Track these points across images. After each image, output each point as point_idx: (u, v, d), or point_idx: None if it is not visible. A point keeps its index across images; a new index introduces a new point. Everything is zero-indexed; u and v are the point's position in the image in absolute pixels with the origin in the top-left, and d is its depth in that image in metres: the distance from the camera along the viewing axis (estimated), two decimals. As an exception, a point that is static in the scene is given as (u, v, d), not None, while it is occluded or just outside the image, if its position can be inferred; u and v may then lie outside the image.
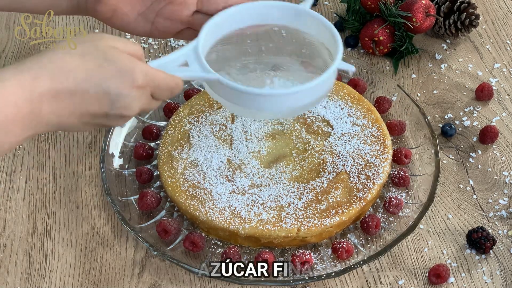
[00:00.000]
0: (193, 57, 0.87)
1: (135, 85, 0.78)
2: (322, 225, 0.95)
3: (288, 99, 0.88)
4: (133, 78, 0.77)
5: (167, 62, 0.86)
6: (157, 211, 1.01)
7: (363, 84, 1.15)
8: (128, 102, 0.78)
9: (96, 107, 0.77)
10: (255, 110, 0.89)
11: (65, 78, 0.75)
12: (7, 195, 1.05)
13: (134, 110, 0.79)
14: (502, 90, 1.18)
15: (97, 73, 0.76)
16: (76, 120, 0.78)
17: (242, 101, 0.88)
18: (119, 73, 0.77)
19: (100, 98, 0.76)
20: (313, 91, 0.89)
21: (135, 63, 0.78)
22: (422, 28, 1.20)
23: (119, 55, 0.78)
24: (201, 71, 0.87)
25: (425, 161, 1.05)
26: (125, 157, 1.07)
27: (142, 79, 0.78)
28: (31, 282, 0.96)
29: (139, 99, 0.79)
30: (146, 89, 0.80)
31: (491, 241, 0.96)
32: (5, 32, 1.27)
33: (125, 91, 0.77)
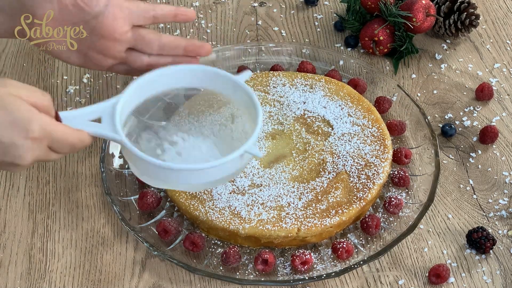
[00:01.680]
0: (108, 114, 0.85)
1: (30, 136, 0.77)
2: (322, 225, 0.95)
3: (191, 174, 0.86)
4: (27, 129, 0.77)
5: (79, 114, 0.84)
6: (157, 211, 1.01)
7: (363, 84, 1.15)
8: (20, 152, 0.77)
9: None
10: (159, 181, 0.88)
11: None
12: (7, 195, 1.05)
13: (27, 160, 0.78)
14: (502, 90, 1.18)
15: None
16: None
17: (146, 170, 0.87)
18: (14, 122, 0.76)
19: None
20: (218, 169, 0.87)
21: (33, 114, 0.77)
22: (422, 28, 1.20)
23: (18, 104, 0.77)
24: (109, 130, 0.85)
25: (425, 161, 1.05)
26: (125, 157, 1.07)
27: (38, 132, 0.77)
28: (31, 282, 0.96)
29: (33, 151, 0.78)
30: (42, 142, 0.79)
31: (491, 241, 0.96)
32: (5, 32, 1.27)
33: (18, 141, 0.77)
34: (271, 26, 1.29)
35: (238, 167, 0.90)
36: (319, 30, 1.29)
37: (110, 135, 0.85)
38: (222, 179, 0.90)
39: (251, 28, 1.29)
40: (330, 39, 1.27)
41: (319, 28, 1.29)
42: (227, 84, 0.95)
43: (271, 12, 1.32)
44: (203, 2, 1.34)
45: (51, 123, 0.79)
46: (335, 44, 1.26)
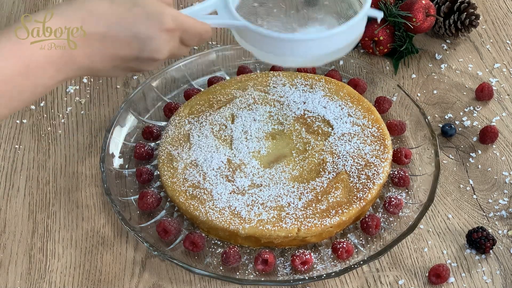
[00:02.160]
0: (222, 5, 0.89)
1: (165, 28, 0.80)
2: (322, 225, 0.95)
3: (318, 44, 0.88)
4: (162, 21, 0.79)
5: (196, 10, 0.88)
6: (157, 211, 1.01)
7: (363, 84, 1.15)
8: (157, 45, 0.80)
9: (126, 50, 0.79)
10: (286, 57, 0.90)
11: (95, 22, 0.77)
12: (7, 195, 1.05)
13: (163, 53, 0.81)
14: (502, 90, 1.18)
15: (127, 16, 0.78)
16: (107, 64, 0.80)
17: (272, 47, 0.89)
18: (148, 16, 0.78)
19: (130, 41, 0.78)
20: (342, 36, 0.89)
21: (164, 7, 0.80)
22: (422, 28, 1.20)
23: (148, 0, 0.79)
24: (229, 18, 0.88)
25: (425, 161, 1.05)
26: (125, 157, 1.07)
27: (171, 23, 0.80)
28: (31, 282, 0.96)
29: (168, 42, 0.81)
30: (175, 33, 0.81)
31: (491, 241, 0.96)
32: (5, 32, 1.27)
33: (155, 34, 0.79)
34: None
35: (359, 32, 0.92)
36: (319, 30, 1.29)
37: (231, 23, 0.88)
38: (347, 46, 0.92)
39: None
40: (330, 39, 1.27)
41: (319, 28, 1.29)
42: None
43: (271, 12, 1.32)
44: (203, 2, 1.34)
45: (181, 14, 0.82)
46: (335, 44, 1.26)
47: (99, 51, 0.78)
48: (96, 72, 0.80)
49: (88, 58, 0.78)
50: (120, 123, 1.09)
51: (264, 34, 0.87)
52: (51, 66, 0.76)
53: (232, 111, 1.08)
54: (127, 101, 1.11)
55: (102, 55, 0.78)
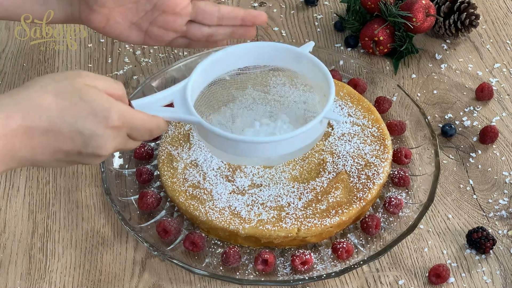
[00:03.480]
0: (179, 97, 0.86)
1: (110, 125, 0.77)
2: (322, 225, 0.95)
3: (270, 147, 0.86)
4: (107, 118, 0.77)
5: (151, 101, 0.85)
6: (157, 211, 1.01)
7: (363, 84, 1.15)
8: (102, 142, 0.77)
9: (69, 145, 0.77)
10: (239, 156, 0.88)
11: (38, 116, 0.75)
12: (7, 195, 1.05)
13: (108, 150, 0.79)
14: (502, 90, 1.18)
15: (71, 112, 0.76)
16: (49, 157, 0.78)
17: (224, 146, 0.87)
18: (93, 112, 0.76)
19: (74, 137, 0.76)
20: (297, 140, 0.87)
21: (111, 103, 0.78)
22: (422, 28, 1.20)
23: (95, 94, 0.77)
24: (184, 113, 0.86)
25: (425, 161, 1.05)
26: (125, 157, 1.07)
27: (117, 120, 0.78)
28: (31, 282, 0.96)
29: (114, 139, 0.79)
30: (121, 130, 0.79)
31: (491, 241, 0.96)
32: (5, 32, 1.27)
33: (99, 131, 0.77)
34: (271, 26, 1.29)
35: (317, 134, 0.90)
36: (319, 30, 1.29)
37: (185, 118, 0.86)
38: (303, 148, 0.89)
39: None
40: (330, 39, 1.27)
41: (319, 28, 1.29)
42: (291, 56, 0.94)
43: (271, 12, 1.32)
44: (203, 2, 1.34)
45: (129, 110, 0.80)
46: (335, 44, 1.26)
47: (41, 145, 0.76)
48: (39, 164, 0.79)
49: (29, 151, 0.76)
50: (120, 123, 1.09)
51: (217, 133, 0.85)
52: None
53: (232, 111, 1.08)
54: (127, 101, 1.11)
55: (44, 148, 0.76)
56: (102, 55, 1.23)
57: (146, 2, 0.96)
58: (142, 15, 0.98)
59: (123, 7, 0.97)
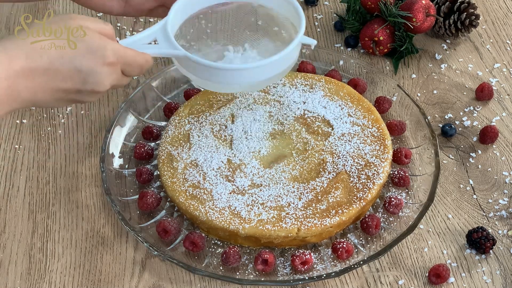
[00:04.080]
0: (162, 35, 0.91)
1: (106, 62, 0.81)
2: (322, 225, 0.95)
3: (252, 73, 0.92)
4: (104, 56, 0.81)
5: (136, 40, 0.90)
6: (157, 211, 1.01)
7: (363, 84, 1.15)
8: (99, 78, 0.81)
9: (69, 84, 0.80)
10: (222, 84, 0.93)
11: (39, 57, 0.78)
12: (7, 195, 1.05)
13: (105, 86, 0.83)
14: (502, 90, 1.18)
15: (70, 51, 0.79)
16: (50, 96, 0.81)
17: (208, 75, 0.92)
18: (90, 51, 0.80)
19: (73, 75, 0.80)
20: (277, 64, 0.93)
21: (105, 41, 0.82)
22: (422, 28, 1.20)
23: (90, 33, 0.81)
24: (169, 48, 0.91)
25: (425, 161, 1.05)
26: (125, 157, 1.07)
27: (112, 57, 0.82)
28: (31, 282, 0.96)
29: (110, 75, 0.82)
30: (116, 66, 0.83)
31: (491, 241, 0.96)
32: (5, 32, 1.27)
33: (96, 68, 0.81)
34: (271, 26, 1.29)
35: (293, 58, 0.96)
36: (319, 30, 1.29)
37: (171, 52, 0.91)
38: (282, 72, 0.95)
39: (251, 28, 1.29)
40: (330, 39, 1.27)
41: (319, 28, 1.29)
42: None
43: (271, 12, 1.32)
44: (203, 2, 1.34)
45: (122, 48, 0.84)
46: (335, 44, 1.26)
47: (42, 85, 0.79)
48: (40, 104, 0.82)
49: (31, 91, 0.79)
50: (120, 123, 1.09)
51: (202, 63, 0.90)
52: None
53: (232, 111, 1.08)
54: (127, 101, 1.11)
55: (44, 88, 0.80)
56: (102, 55, 1.23)
57: None
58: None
59: None
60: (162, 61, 1.22)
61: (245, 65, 0.96)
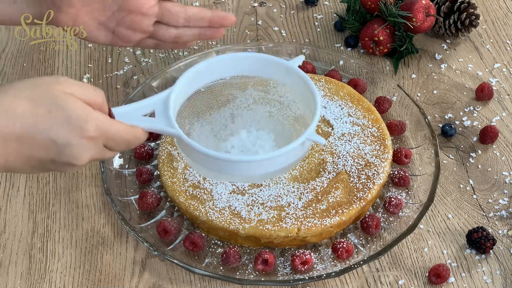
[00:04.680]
0: (161, 108, 0.84)
1: (85, 135, 0.75)
2: (322, 225, 0.95)
3: (250, 166, 0.84)
4: (83, 129, 0.75)
5: (132, 110, 0.83)
6: (157, 211, 1.01)
7: (363, 84, 1.15)
8: (76, 152, 0.76)
9: (42, 153, 0.75)
10: (216, 172, 0.86)
11: (12, 123, 0.73)
12: (7, 195, 1.05)
13: (83, 160, 0.77)
14: (502, 90, 1.18)
15: (46, 119, 0.74)
16: (23, 164, 0.76)
17: (204, 162, 0.85)
18: (68, 122, 0.74)
19: (47, 145, 0.75)
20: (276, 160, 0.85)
21: (88, 112, 0.76)
22: (422, 28, 1.20)
23: (72, 102, 0.75)
24: (164, 125, 0.83)
25: (425, 161, 1.05)
26: (125, 157, 1.07)
27: (93, 130, 0.76)
28: (31, 282, 0.96)
29: (89, 150, 0.77)
30: (97, 140, 0.77)
31: (491, 241, 0.96)
32: (5, 32, 1.27)
33: (73, 141, 0.75)
34: (271, 26, 1.29)
35: (299, 155, 0.87)
36: (319, 30, 1.29)
37: (165, 130, 0.83)
38: (283, 168, 0.87)
39: (251, 28, 1.29)
40: (330, 39, 1.27)
41: (319, 28, 1.29)
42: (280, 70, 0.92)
43: (271, 12, 1.32)
44: (203, 2, 1.34)
45: (106, 121, 0.77)
46: (335, 44, 1.26)
47: (15, 152, 0.74)
48: (13, 170, 0.77)
49: (3, 157, 0.74)
50: (120, 123, 1.09)
51: (197, 149, 0.82)
52: None
53: (232, 111, 1.07)
54: (127, 101, 1.11)
55: (17, 155, 0.74)
56: (102, 55, 1.23)
57: (112, 2, 0.97)
58: (109, 15, 0.98)
59: (90, 7, 0.97)
60: (162, 61, 1.22)
61: (238, 157, 0.88)
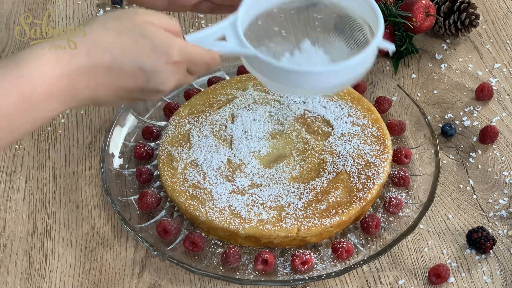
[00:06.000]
0: (231, 31, 0.86)
1: (171, 61, 0.78)
2: (322, 225, 0.95)
3: (326, 77, 0.86)
4: (168, 54, 0.77)
5: (204, 36, 0.85)
6: (157, 211, 1.01)
7: (363, 84, 1.15)
8: (163, 78, 0.78)
9: (131, 82, 0.77)
10: (292, 87, 0.88)
11: (101, 54, 0.75)
12: (7, 195, 1.05)
13: (169, 85, 0.80)
14: (502, 90, 1.18)
15: (133, 49, 0.76)
16: (111, 95, 0.78)
17: (279, 77, 0.86)
18: (154, 49, 0.77)
19: (136, 74, 0.77)
20: (351, 69, 0.87)
21: (171, 38, 0.78)
22: (422, 28, 1.20)
23: (155, 30, 0.78)
24: (238, 46, 0.85)
25: (425, 161, 1.05)
26: (125, 157, 1.07)
27: (177, 55, 0.78)
28: (31, 282, 0.96)
29: (175, 74, 0.79)
30: (181, 65, 0.80)
31: (491, 241, 0.96)
32: (5, 32, 1.27)
33: (160, 67, 0.77)
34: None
35: (369, 63, 0.89)
36: (319, 30, 1.29)
37: (240, 50, 0.85)
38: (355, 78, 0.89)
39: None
40: (330, 39, 1.27)
41: (319, 28, 1.29)
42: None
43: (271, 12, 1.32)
44: (203, 2, 1.34)
45: (187, 45, 0.80)
46: (335, 44, 1.26)
47: (104, 83, 0.76)
48: (100, 102, 0.79)
49: (92, 89, 0.76)
50: (120, 123, 1.09)
51: (273, 64, 0.85)
52: (54, 99, 0.74)
53: (232, 111, 1.08)
54: (127, 101, 1.11)
55: (107, 86, 0.77)
56: (102, 55, 1.23)
57: None
58: None
59: None
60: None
61: (318, 68, 0.89)
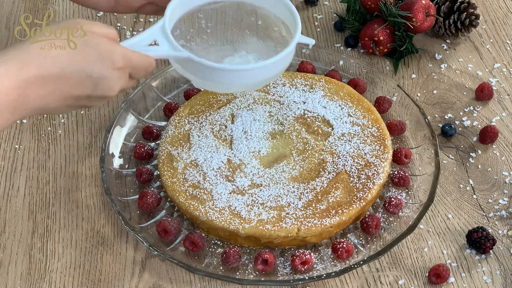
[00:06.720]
0: (161, 36, 0.90)
1: (116, 67, 0.81)
2: (322, 225, 0.95)
3: (255, 73, 0.92)
4: (113, 61, 0.81)
5: (137, 42, 0.88)
6: (157, 211, 1.01)
7: (363, 84, 1.15)
8: (110, 83, 0.81)
9: (79, 90, 0.80)
10: (223, 85, 0.92)
11: (50, 64, 0.77)
12: (7, 195, 1.05)
13: (115, 90, 0.83)
14: (502, 90, 1.18)
15: (80, 58, 0.79)
16: (60, 103, 0.81)
17: (208, 76, 0.91)
18: (99, 56, 0.80)
19: (84, 81, 0.80)
20: (277, 65, 0.93)
21: (113, 45, 0.82)
22: (422, 28, 1.20)
23: (97, 39, 0.81)
24: (172, 50, 0.89)
25: (425, 161, 1.05)
26: (125, 157, 1.07)
27: (121, 61, 0.82)
28: (31, 282, 0.96)
29: (119, 79, 0.83)
30: (125, 70, 0.83)
31: (491, 241, 0.96)
32: (5, 32, 1.27)
33: (107, 73, 0.81)
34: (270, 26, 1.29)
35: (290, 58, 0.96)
36: (319, 30, 1.29)
37: (173, 54, 0.90)
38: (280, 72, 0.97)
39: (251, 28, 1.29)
40: (330, 39, 1.27)
41: (319, 28, 1.29)
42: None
43: (271, 12, 1.32)
44: (203, 2, 1.34)
45: (128, 51, 0.84)
46: (335, 44, 1.26)
47: (53, 92, 0.79)
48: (49, 111, 0.82)
49: (41, 99, 0.79)
50: (120, 123, 1.09)
51: (205, 65, 0.89)
52: (6, 110, 0.76)
53: (232, 111, 1.08)
54: (127, 101, 1.11)
55: (55, 95, 0.79)
56: (102, 55, 1.23)
57: None
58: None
59: None
60: (162, 61, 1.22)
61: (248, 66, 0.96)
